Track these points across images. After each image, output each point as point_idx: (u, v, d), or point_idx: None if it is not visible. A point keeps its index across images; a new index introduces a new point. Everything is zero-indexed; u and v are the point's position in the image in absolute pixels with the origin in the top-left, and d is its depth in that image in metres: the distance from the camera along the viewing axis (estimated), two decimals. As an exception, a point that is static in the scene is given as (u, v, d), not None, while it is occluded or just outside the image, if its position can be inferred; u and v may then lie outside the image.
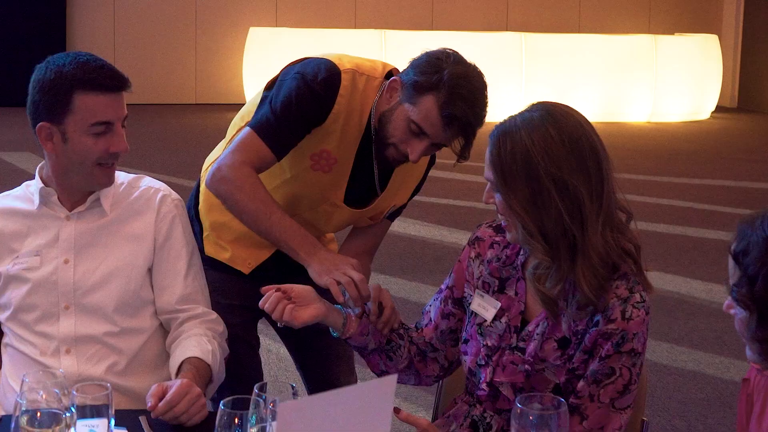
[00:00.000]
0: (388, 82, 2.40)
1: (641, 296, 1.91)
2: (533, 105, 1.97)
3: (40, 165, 2.28)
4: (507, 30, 12.80)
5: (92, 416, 1.61)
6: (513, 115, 1.96)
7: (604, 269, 1.89)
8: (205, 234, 2.64)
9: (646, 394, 2.21)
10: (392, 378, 1.32)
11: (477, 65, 2.37)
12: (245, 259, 2.59)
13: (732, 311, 1.64)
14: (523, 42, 12.03)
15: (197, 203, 2.67)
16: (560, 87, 11.79)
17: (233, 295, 2.59)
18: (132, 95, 2.22)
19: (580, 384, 1.91)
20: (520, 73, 11.95)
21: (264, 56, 11.36)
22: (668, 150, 10.36)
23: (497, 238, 2.08)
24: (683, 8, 13.97)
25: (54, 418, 1.58)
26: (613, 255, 1.90)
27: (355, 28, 12.46)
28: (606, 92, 12.13)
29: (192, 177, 6.54)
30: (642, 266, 1.95)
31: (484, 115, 2.34)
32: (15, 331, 2.23)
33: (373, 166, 2.51)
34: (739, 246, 1.61)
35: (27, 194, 2.28)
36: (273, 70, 2.55)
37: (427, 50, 2.38)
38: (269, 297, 2.06)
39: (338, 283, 2.13)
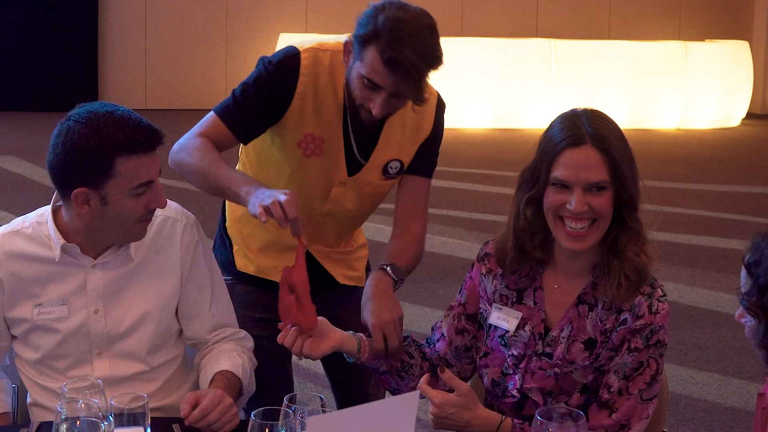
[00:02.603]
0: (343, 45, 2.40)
1: (662, 290, 2.05)
2: (582, 109, 2.08)
3: (50, 209, 2.20)
4: (536, 36, 12.81)
5: (129, 424, 1.68)
6: (576, 116, 2.04)
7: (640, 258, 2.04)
8: (235, 248, 2.67)
9: (667, 406, 2.25)
10: (415, 394, 1.38)
11: (423, 9, 2.32)
12: (275, 267, 2.60)
13: (743, 320, 1.72)
14: (553, 48, 12.04)
15: (224, 219, 2.72)
16: (590, 93, 11.78)
17: (262, 309, 2.63)
18: (162, 101, 2.23)
19: (612, 378, 2.00)
20: (549, 80, 11.96)
21: (294, 62, 11.44)
22: (698, 157, 10.34)
23: None
24: (714, 15, 13.91)
25: (93, 426, 1.65)
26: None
27: (384, 34, 12.52)
28: (636, 99, 12.10)
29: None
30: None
31: (433, 54, 2.28)
32: (45, 372, 2.22)
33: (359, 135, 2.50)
34: (752, 257, 1.70)
35: (41, 237, 2.18)
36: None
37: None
38: (287, 333, 2.13)
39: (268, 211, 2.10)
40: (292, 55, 2.43)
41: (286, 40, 11.86)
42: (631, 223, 2.03)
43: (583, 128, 1.99)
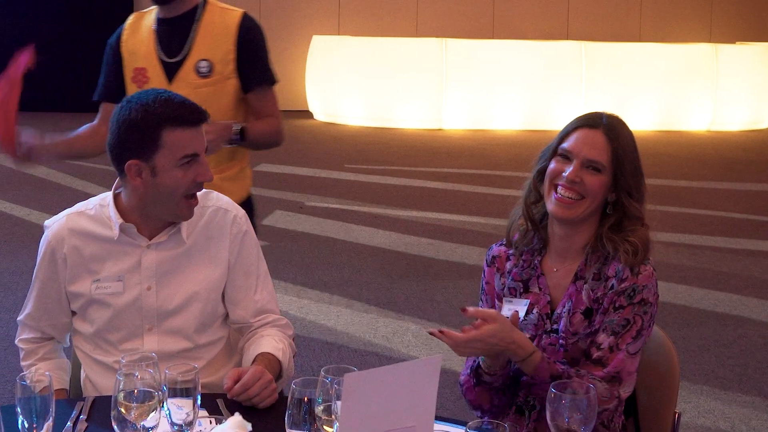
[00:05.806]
0: None
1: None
2: (603, 112, 2.32)
3: (112, 193, 2.41)
4: (567, 39, 12.93)
5: (181, 395, 1.84)
6: (598, 112, 2.31)
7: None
8: None
9: (678, 386, 2.40)
10: (438, 357, 1.54)
11: None
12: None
13: None
14: (584, 51, 12.14)
15: None
16: (620, 96, 11.88)
17: None
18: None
19: (601, 337, 2.19)
20: (579, 82, 12.07)
21: (326, 64, 11.61)
22: (727, 159, 10.40)
23: (510, 251, 2.38)
24: (744, 17, 13.95)
25: (148, 395, 1.82)
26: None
27: (416, 36, 12.68)
28: (666, 101, 12.18)
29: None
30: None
31: None
32: (100, 345, 2.42)
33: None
34: None
35: (103, 218, 2.40)
36: (335, 77, 2.81)
37: None
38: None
39: None
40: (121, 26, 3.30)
41: (318, 42, 12.05)
42: (631, 209, 2.24)
43: (601, 119, 2.27)
